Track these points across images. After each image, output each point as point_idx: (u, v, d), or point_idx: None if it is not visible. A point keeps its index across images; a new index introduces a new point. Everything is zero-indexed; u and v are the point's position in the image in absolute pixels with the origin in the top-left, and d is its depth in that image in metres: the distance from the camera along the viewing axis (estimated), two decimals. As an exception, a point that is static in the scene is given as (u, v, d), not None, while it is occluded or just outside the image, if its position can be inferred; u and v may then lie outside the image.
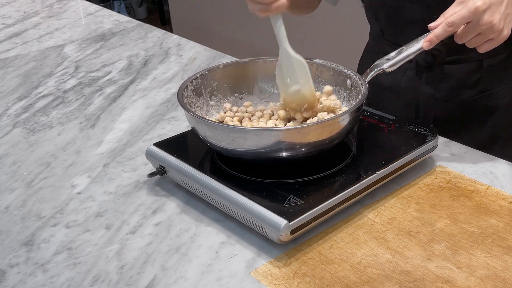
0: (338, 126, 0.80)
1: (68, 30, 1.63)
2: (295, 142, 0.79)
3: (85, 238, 0.80)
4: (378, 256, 0.73)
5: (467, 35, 0.83)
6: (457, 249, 0.74)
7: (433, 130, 0.91)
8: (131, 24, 1.66)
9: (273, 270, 0.72)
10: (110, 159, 0.99)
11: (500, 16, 0.81)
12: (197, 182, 0.83)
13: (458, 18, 0.81)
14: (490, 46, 0.85)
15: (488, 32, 0.82)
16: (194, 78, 0.92)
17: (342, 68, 0.93)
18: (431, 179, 0.88)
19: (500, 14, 0.81)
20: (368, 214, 0.81)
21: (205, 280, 0.71)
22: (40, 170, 0.96)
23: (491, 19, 0.80)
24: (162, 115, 1.13)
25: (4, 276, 0.74)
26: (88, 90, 1.26)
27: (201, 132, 0.83)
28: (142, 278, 0.72)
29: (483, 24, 0.81)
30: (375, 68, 0.89)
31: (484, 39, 0.84)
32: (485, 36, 0.83)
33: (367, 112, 0.97)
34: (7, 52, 1.49)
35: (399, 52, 0.89)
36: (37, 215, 0.85)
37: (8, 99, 1.23)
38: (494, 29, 0.82)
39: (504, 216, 0.79)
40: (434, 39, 0.84)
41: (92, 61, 1.41)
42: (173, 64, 1.37)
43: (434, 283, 0.69)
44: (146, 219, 0.83)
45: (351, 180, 0.80)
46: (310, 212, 0.74)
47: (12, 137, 1.08)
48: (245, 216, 0.76)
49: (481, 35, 0.83)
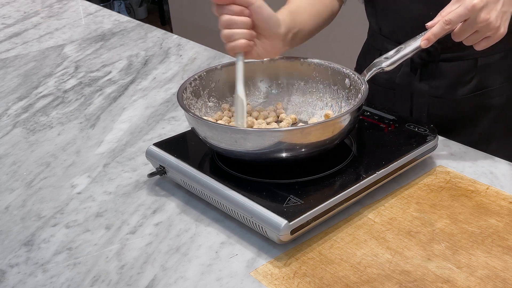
0: (339, 126, 0.80)
1: (68, 30, 1.63)
2: (295, 142, 0.79)
3: (85, 238, 0.80)
4: (378, 256, 0.73)
5: (464, 33, 0.84)
6: (457, 249, 0.74)
7: (433, 130, 0.91)
8: (131, 24, 1.66)
9: (273, 270, 0.72)
10: (110, 159, 0.99)
11: (496, 14, 0.82)
12: (197, 182, 0.83)
13: (455, 16, 0.81)
14: (487, 44, 0.85)
15: (485, 30, 0.83)
16: (193, 79, 0.92)
17: (340, 67, 0.93)
18: (431, 179, 0.88)
19: (496, 12, 0.82)
20: (368, 214, 0.81)
21: (205, 280, 0.71)
22: (40, 170, 0.96)
23: (488, 16, 0.81)
24: (162, 115, 1.13)
25: (4, 276, 0.74)
26: (88, 90, 1.26)
27: (201, 133, 0.83)
28: (142, 278, 0.72)
29: (480, 22, 0.81)
30: (374, 67, 0.90)
31: (481, 37, 0.84)
32: (482, 33, 0.83)
33: (367, 112, 0.97)
34: (7, 52, 1.49)
35: (397, 50, 0.89)
36: (37, 215, 0.85)
37: (8, 99, 1.23)
38: (491, 27, 0.82)
39: (504, 216, 0.79)
40: (432, 37, 0.85)
41: (92, 61, 1.41)
42: (173, 64, 1.37)
43: (434, 283, 0.69)
44: (146, 219, 0.83)
45: (351, 180, 0.80)
46: (310, 212, 0.74)
47: (12, 137, 1.08)
48: (245, 216, 0.76)
49: (478, 33, 0.83)
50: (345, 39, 2.39)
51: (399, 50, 0.89)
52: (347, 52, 1.70)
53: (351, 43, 1.66)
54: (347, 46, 2.01)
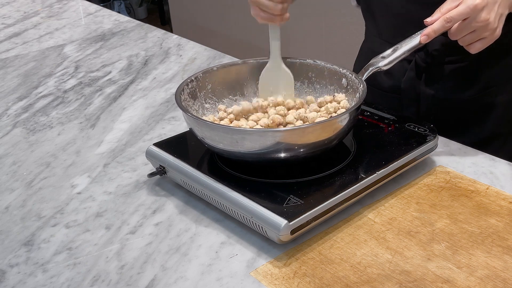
0: (338, 126, 0.80)
1: (68, 30, 1.63)
2: (294, 143, 0.79)
3: (85, 238, 0.80)
4: (378, 256, 0.73)
5: (462, 32, 0.84)
6: (457, 249, 0.74)
7: (433, 130, 0.91)
8: (131, 24, 1.66)
9: (273, 270, 0.72)
10: (110, 159, 0.99)
11: (495, 15, 0.83)
12: (197, 182, 0.83)
13: (457, 14, 0.82)
14: (481, 46, 0.86)
15: (483, 30, 0.83)
16: (189, 81, 0.92)
17: (336, 67, 0.93)
18: (431, 179, 0.88)
19: (495, 13, 0.83)
20: (368, 214, 0.81)
21: (205, 280, 0.71)
22: (40, 170, 0.96)
23: (488, 17, 0.82)
24: (162, 115, 1.13)
25: (4, 276, 0.74)
26: (88, 90, 1.26)
27: (199, 134, 0.83)
28: (142, 278, 0.72)
29: (480, 21, 0.82)
30: (371, 67, 0.90)
31: (478, 37, 0.84)
32: (479, 33, 0.84)
33: (367, 112, 0.97)
34: (7, 52, 1.49)
35: (394, 50, 0.90)
36: (37, 215, 0.85)
37: (8, 99, 1.23)
38: (489, 27, 0.83)
39: (504, 216, 0.79)
40: (432, 33, 0.85)
41: (92, 61, 1.41)
42: (173, 64, 1.37)
43: (434, 283, 0.69)
44: (146, 219, 0.83)
45: (351, 180, 0.80)
46: (310, 212, 0.74)
47: (12, 137, 1.08)
48: (245, 216, 0.76)
49: (475, 32, 0.84)
50: (342, 42, 2.39)
51: (396, 49, 0.90)
52: (344, 54, 1.70)
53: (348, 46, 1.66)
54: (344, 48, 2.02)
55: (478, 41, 0.85)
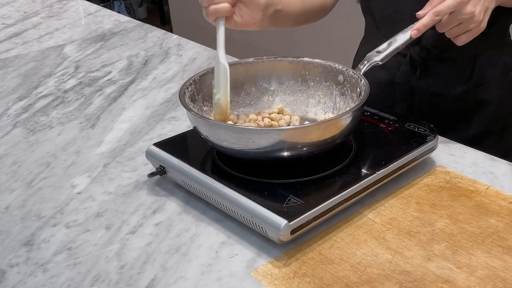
0: (341, 125, 0.80)
1: (68, 30, 1.63)
2: (297, 141, 0.79)
3: (85, 238, 0.80)
4: (378, 256, 0.73)
5: (449, 24, 0.87)
6: (457, 249, 0.74)
7: (433, 130, 0.91)
8: (131, 24, 1.66)
9: (273, 270, 0.72)
10: (110, 159, 0.99)
11: (480, 8, 0.86)
12: (197, 182, 0.83)
13: (444, 7, 0.85)
14: (467, 38, 0.89)
15: (469, 22, 0.86)
16: (189, 84, 0.91)
17: (331, 64, 0.93)
18: (431, 179, 0.88)
19: (480, 6, 0.86)
20: (368, 214, 0.81)
21: (205, 280, 0.71)
22: (40, 170, 0.96)
23: (473, 9, 0.85)
24: (162, 115, 1.13)
25: (4, 276, 0.74)
26: (88, 90, 1.26)
27: (203, 132, 0.83)
28: (142, 278, 0.72)
29: (465, 13, 0.85)
30: (368, 62, 0.91)
31: (464, 30, 0.87)
32: (465, 26, 0.87)
33: (367, 112, 0.97)
34: (7, 52, 1.49)
35: (389, 44, 0.91)
36: (37, 215, 0.85)
37: (8, 99, 1.23)
38: (474, 20, 0.86)
39: (504, 216, 0.79)
40: (422, 27, 0.88)
41: (92, 61, 1.41)
42: (173, 64, 1.37)
43: (434, 283, 0.69)
44: (146, 219, 0.83)
45: (351, 180, 0.80)
46: (310, 212, 0.74)
47: (12, 137, 1.08)
48: (245, 216, 0.76)
49: (461, 25, 0.87)
50: (342, 38, 2.39)
51: (391, 43, 0.91)
52: (344, 50, 1.70)
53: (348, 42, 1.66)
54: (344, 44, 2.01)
55: (464, 34, 0.88)
